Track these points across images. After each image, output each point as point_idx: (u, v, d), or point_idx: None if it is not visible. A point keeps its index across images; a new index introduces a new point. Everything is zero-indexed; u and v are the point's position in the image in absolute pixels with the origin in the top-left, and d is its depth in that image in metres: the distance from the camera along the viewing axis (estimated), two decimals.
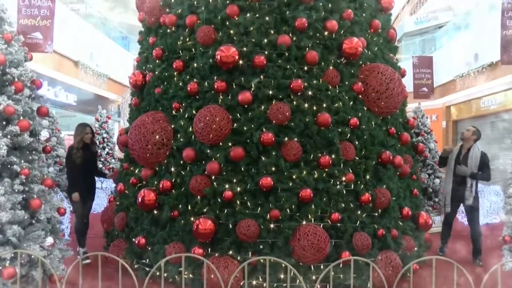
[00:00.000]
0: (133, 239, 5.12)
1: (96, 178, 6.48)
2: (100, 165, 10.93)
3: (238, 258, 4.51)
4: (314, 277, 4.42)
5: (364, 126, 5.02)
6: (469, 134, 5.97)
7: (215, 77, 4.93)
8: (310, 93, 4.84)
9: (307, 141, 4.75)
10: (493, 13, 11.75)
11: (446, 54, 15.10)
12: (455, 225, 6.40)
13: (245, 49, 4.91)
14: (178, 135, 5.03)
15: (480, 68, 12.36)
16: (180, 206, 4.86)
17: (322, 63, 4.97)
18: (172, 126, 5.10)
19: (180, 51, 5.31)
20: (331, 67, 4.98)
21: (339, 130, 4.86)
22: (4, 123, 3.66)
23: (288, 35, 4.93)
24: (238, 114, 4.82)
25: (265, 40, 4.93)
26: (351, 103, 5.03)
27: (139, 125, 5.06)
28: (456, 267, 3.33)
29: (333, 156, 4.75)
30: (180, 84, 5.17)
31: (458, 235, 6.63)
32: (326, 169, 4.72)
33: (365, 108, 5.13)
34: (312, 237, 4.38)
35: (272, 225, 4.55)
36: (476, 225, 5.87)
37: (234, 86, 4.90)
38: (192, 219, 4.70)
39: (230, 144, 4.73)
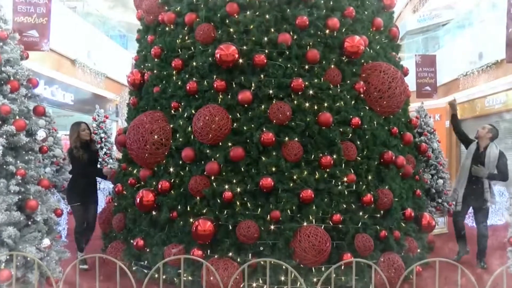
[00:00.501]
0: (132, 241, 5.05)
1: None
2: (98, 165, 10.83)
3: (238, 259, 4.45)
4: (315, 279, 4.37)
5: (366, 126, 4.96)
6: (484, 132, 5.70)
7: (215, 76, 4.88)
8: (311, 92, 4.78)
9: (308, 141, 4.70)
10: (497, 11, 11.66)
11: (450, 53, 14.91)
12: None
13: (245, 47, 4.85)
14: (177, 135, 4.97)
15: (484, 66, 12.20)
16: (179, 207, 4.79)
17: (323, 62, 4.92)
18: (171, 125, 5.04)
19: (179, 50, 5.25)
20: (332, 66, 4.93)
21: (341, 129, 4.81)
22: None
23: (288, 33, 4.88)
24: (238, 114, 4.76)
25: (266, 39, 4.87)
26: (353, 102, 4.97)
27: (138, 124, 5.00)
28: (460, 270, 3.29)
29: (334, 156, 4.69)
30: (179, 83, 5.11)
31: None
32: (327, 170, 4.66)
33: (367, 108, 5.07)
34: (313, 239, 4.32)
35: (272, 227, 4.49)
36: (484, 226, 5.69)
37: (234, 85, 4.85)
38: (191, 220, 4.63)
39: (230, 144, 4.68)
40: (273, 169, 4.61)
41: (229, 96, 4.81)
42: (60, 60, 12.35)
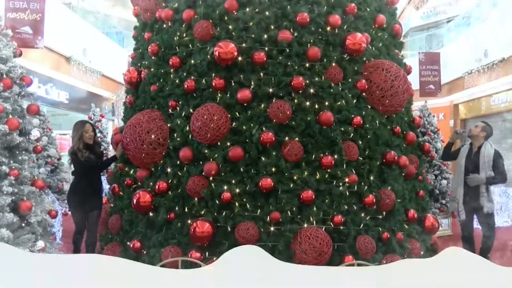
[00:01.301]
0: (128, 243, 4.96)
1: None
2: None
3: None
4: None
5: (368, 125, 4.87)
6: (477, 130, 5.44)
7: (213, 74, 4.79)
8: (311, 90, 4.70)
9: (308, 140, 4.61)
10: (500, 8, 11.57)
11: (454, 50, 14.71)
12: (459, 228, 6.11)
13: (244, 45, 4.76)
14: (175, 135, 4.88)
15: (490, 64, 12.01)
16: (176, 208, 4.70)
17: (324, 60, 4.83)
18: (169, 125, 4.95)
19: (177, 47, 5.15)
20: (333, 64, 4.84)
21: (342, 129, 4.72)
22: None
23: (289, 30, 4.79)
24: (237, 113, 4.67)
25: (265, 36, 4.78)
26: (355, 101, 4.89)
27: (134, 124, 4.92)
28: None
29: (335, 156, 4.61)
30: (177, 81, 5.02)
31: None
32: (329, 170, 4.58)
33: (369, 107, 4.99)
34: (313, 241, 4.25)
35: (272, 228, 4.41)
36: (488, 227, 5.47)
37: (233, 84, 4.76)
38: (189, 221, 4.54)
39: (228, 143, 4.59)
40: (273, 169, 4.52)
41: (228, 95, 4.72)
42: (55, 57, 12.23)
